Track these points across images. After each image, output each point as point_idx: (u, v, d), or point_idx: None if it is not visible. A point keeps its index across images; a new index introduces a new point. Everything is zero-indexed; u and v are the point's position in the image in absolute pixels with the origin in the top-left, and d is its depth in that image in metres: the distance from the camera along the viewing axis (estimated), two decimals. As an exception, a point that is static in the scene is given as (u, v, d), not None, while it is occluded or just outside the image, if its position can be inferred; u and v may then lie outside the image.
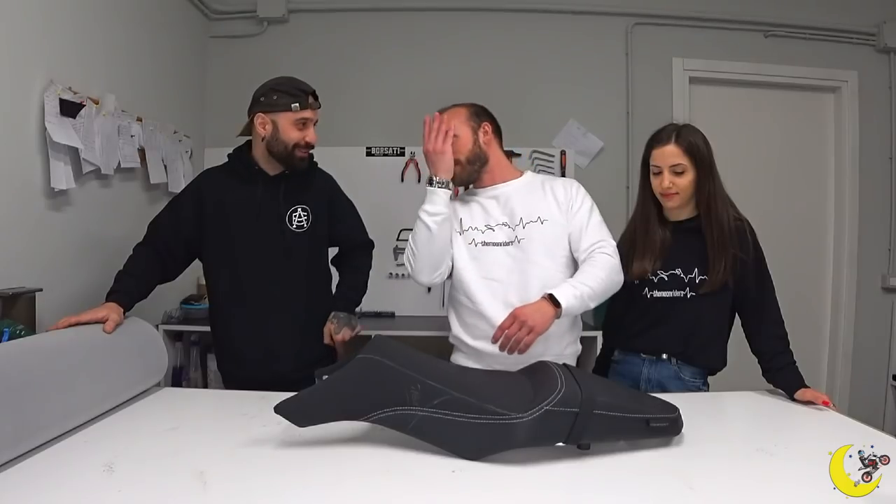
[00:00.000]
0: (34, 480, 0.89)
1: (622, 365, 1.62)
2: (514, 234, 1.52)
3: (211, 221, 1.65)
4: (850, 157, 3.16)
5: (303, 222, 1.66)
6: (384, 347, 1.06)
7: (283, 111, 1.57)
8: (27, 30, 1.69)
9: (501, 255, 1.52)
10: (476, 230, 1.56)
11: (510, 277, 1.50)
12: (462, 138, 1.54)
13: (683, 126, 1.54)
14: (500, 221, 1.55)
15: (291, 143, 1.59)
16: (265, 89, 1.61)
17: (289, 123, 1.58)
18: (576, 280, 1.40)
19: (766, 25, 3.12)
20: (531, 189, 1.58)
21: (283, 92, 1.58)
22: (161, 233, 1.66)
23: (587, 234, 1.50)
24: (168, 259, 1.64)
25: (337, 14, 3.10)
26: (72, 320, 1.30)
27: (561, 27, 3.10)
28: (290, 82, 1.62)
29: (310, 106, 1.60)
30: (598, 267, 1.43)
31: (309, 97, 1.61)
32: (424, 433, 1.00)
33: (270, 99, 1.58)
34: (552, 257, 1.50)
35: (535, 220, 1.52)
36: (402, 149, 3.06)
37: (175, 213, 1.68)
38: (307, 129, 1.61)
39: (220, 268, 1.68)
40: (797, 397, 1.40)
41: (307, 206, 1.67)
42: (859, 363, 3.17)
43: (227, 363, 1.74)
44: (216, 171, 1.74)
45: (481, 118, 1.58)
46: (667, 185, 1.50)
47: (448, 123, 1.52)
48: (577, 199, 1.54)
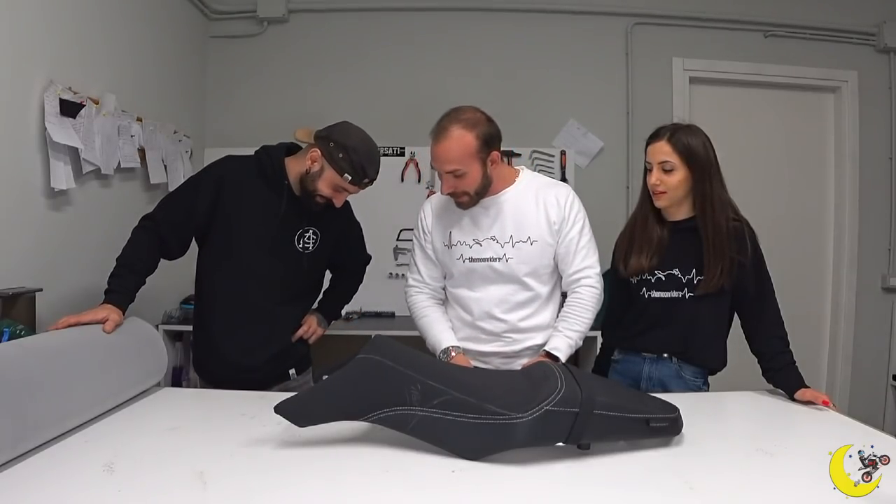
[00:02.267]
0: (34, 480, 0.89)
1: (623, 364, 1.62)
2: (502, 252, 1.54)
3: (223, 213, 1.61)
4: (850, 157, 3.16)
5: (309, 244, 1.65)
6: (384, 347, 1.06)
7: (335, 170, 1.52)
8: (27, 30, 1.69)
9: (488, 270, 1.55)
10: (464, 245, 1.57)
11: (497, 293, 1.55)
12: (471, 176, 1.47)
13: (684, 126, 1.52)
14: (489, 236, 1.55)
15: (319, 193, 1.56)
16: (343, 138, 1.53)
17: (330, 181, 1.54)
18: (567, 329, 1.52)
19: (766, 25, 3.13)
20: (525, 202, 1.56)
21: (351, 161, 1.51)
22: (172, 214, 1.59)
23: (576, 258, 1.55)
24: (172, 240, 1.59)
25: (337, 14, 3.10)
26: (71, 320, 1.30)
27: (561, 27, 3.11)
28: (366, 155, 1.54)
29: (359, 185, 1.56)
30: (584, 307, 1.53)
31: (365, 180, 1.56)
32: (424, 433, 1.00)
33: (336, 154, 1.52)
34: (537, 276, 1.56)
35: (525, 241, 1.53)
36: (402, 149, 3.06)
37: (191, 195, 1.61)
38: (340, 195, 1.58)
39: (216, 259, 1.65)
40: (797, 397, 1.39)
41: (318, 230, 1.66)
42: (859, 363, 3.17)
43: (204, 357, 1.70)
44: (240, 162, 1.66)
45: (490, 147, 1.48)
46: (654, 182, 1.50)
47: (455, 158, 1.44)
48: (569, 218, 1.55)
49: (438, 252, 1.63)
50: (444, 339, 1.57)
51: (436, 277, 1.66)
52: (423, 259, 1.66)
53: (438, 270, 1.65)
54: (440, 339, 1.57)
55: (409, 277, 1.71)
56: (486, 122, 1.50)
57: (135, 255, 1.53)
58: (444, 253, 1.61)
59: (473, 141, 1.44)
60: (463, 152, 1.44)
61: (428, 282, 1.66)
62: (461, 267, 1.57)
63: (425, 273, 1.66)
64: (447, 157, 1.45)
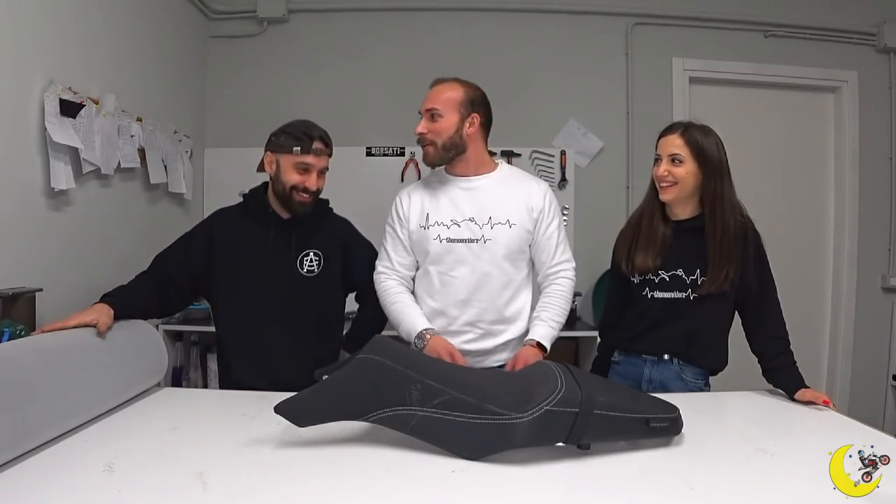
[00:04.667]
0: (34, 480, 0.89)
1: (623, 366, 1.62)
2: (480, 233, 1.54)
3: (221, 260, 1.62)
4: (850, 157, 3.16)
5: (313, 267, 1.64)
6: (384, 347, 1.06)
7: (286, 153, 1.56)
8: (27, 30, 1.69)
9: (464, 251, 1.55)
10: (442, 225, 1.56)
11: (470, 276, 1.54)
12: (445, 121, 1.53)
13: (699, 125, 1.51)
14: (468, 217, 1.56)
15: (289, 185, 1.57)
16: (278, 129, 1.61)
17: (289, 165, 1.56)
18: (550, 319, 1.55)
19: (766, 25, 3.12)
20: (505, 187, 1.58)
21: (289, 134, 1.57)
22: (167, 265, 1.61)
23: (557, 251, 1.60)
24: (170, 290, 1.59)
25: (337, 14, 3.10)
26: (56, 326, 1.27)
27: (561, 27, 3.10)
28: (300, 125, 1.59)
29: (313, 151, 1.57)
30: (565, 298, 1.59)
31: (314, 142, 1.57)
32: (424, 433, 1.00)
33: (279, 139, 1.58)
34: (512, 261, 1.56)
35: (504, 223, 1.54)
36: (402, 149, 3.06)
37: (184, 246, 1.64)
38: (309, 174, 1.58)
39: (228, 307, 1.65)
40: (797, 397, 1.39)
41: (319, 250, 1.65)
42: (859, 363, 3.17)
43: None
44: (229, 210, 1.71)
45: (473, 108, 1.55)
46: (662, 173, 1.49)
47: (440, 98, 1.53)
48: (549, 211, 1.59)
49: (413, 235, 1.60)
50: (419, 324, 1.54)
51: (406, 265, 1.63)
52: (395, 246, 1.63)
53: (409, 259, 1.62)
54: (414, 323, 1.54)
55: (377, 265, 1.66)
56: (481, 93, 1.59)
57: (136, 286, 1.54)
58: (419, 234, 1.58)
59: (461, 93, 1.55)
60: (447, 98, 1.54)
61: (398, 269, 1.63)
62: (437, 247, 1.55)
63: (396, 260, 1.63)
64: (433, 96, 1.55)
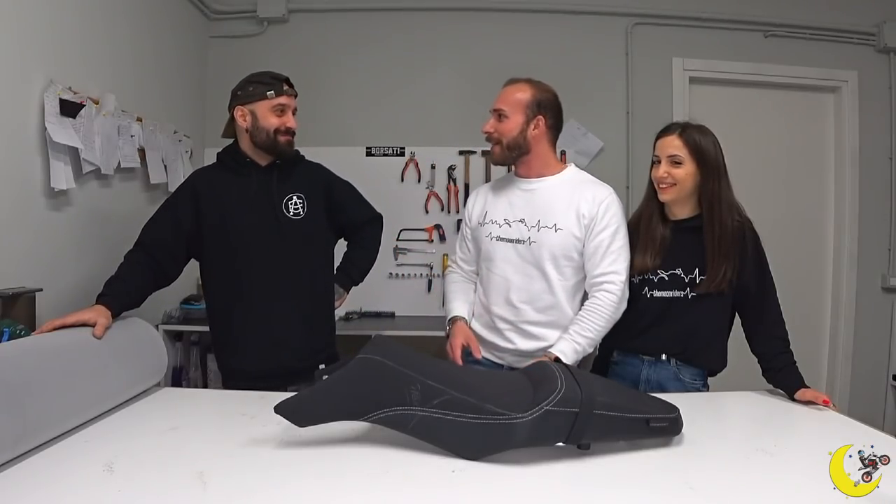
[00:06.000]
0: (34, 480, 0.89)
1: (621, 366, 1.62)
2: (528, 234, 1.55)
3: (208, 216, 1.64)
4: (850, 157, 3.16)
5: (299, 209, 1.67)
6: (384, 347, 1.06)
7: (260, 100, 1.61)
8: (27, 30, 1.69)
9: (510, 252, 1.56)
10: (494, 224, 1.60)
11: (514, 277, 1.56)
12: (510, 122, 1.54)
13: (696, 125, 1.52)
14: (519, 218, 1.57)
15: (272, 128, 1.62)
16: (241, 84, 1.65)
17: (266, 111, 1.61)
18: (577, 334, 1.49)
19: (766, 25, 3.12)
20: (562, 191, 1.57)
21: (257, 82, 1.63)
22: (158, 233, 1.62)
23: (604, 260, 1.52)
24: (165, 260, 1.61)
25: (337, 14, 3.10)
26: (56, 323, 1.27)
27: (561, 27, 3.10)
28: (263, 73, 1.66)
29: (285, 92, 1.63)
30: (599, 314, 1.49)
31: (283, 84, 1.64)
32: (424, 433, 1.00)
33: (247, 91, 1.63)
34: (557, 267, 1.54)
35: (551, 227, 1.54)
36: (402, 149, 3.06)
37: (171, 211, 1.66)
38: (286, 115, 1.64)
39: (218, 262, 1.67)
40: (797, 397, 1.39)
41: (302, 193, 1.68)
42: (859, 363, 3.17)
43: (228, 358, 1.71)
44: (207, 169, 1.76)
45: (540, 110, 1.55)
46: (661, 174, 1.50)
47: (507, 99, 1.54)
48: (602, 219, 1.52)
49: (473, 232, 1.68)
50: (454, 308, 1.65)
51: (466, 260, 1.73)
52: (461, 241, 1.75)
53: (471, 254, 1.71)
54: (451, 307, 1.67)
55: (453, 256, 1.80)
56: (551, 95, 1.58)
57: (127, 273, 1.54)
58: (476, 231, 1.66)
59: (528, 95, 1.55)
60: (515, 99, 1.55)
61: (461, 264, 1.74)
62: (488, 245, 1.61)
63: (460, 256, 1.75)
64: (502, 96, 1.57)
